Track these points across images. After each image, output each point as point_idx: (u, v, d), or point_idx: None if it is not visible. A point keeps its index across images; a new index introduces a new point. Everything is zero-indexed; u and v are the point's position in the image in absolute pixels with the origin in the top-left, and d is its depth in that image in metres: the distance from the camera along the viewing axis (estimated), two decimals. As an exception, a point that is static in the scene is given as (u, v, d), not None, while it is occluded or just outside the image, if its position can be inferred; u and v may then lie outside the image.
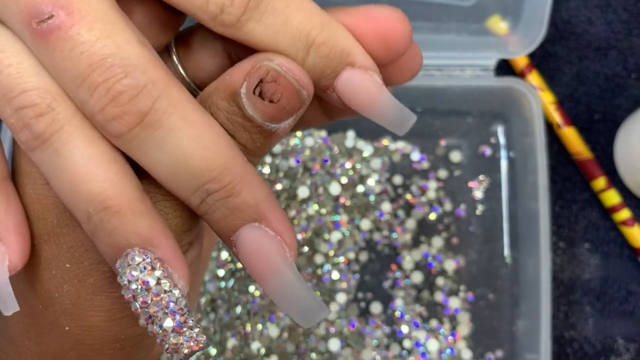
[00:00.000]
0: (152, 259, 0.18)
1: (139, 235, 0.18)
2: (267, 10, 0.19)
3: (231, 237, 0.19)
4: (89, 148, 0.18)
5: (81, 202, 0.18)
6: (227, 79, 0.19)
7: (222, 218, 0.19)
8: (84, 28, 0.17)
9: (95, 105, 0.17)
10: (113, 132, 0.18)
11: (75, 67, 0.17)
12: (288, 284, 0.19)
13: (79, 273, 0.20)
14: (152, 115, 0.18)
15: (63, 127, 0.18)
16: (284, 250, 0.19)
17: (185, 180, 0.18)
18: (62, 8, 0.17)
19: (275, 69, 0.18)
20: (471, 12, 0.45)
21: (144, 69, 0.17)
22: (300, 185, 0.47)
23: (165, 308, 0.18)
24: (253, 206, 0.19)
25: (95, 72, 0.17)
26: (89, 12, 0.17)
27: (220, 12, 0.18)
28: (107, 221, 0.18)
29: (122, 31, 0.18)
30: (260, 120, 0.19)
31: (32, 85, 0.18)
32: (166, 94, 0.18)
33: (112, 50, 0.17)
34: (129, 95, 0.17)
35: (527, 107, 0.44)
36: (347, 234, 0.47)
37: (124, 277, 0.18)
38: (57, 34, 0.17)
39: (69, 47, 0.17)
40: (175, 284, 0.18)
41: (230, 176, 0.18)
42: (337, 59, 0.20)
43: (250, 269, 0.19)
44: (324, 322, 0.45)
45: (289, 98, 0.19)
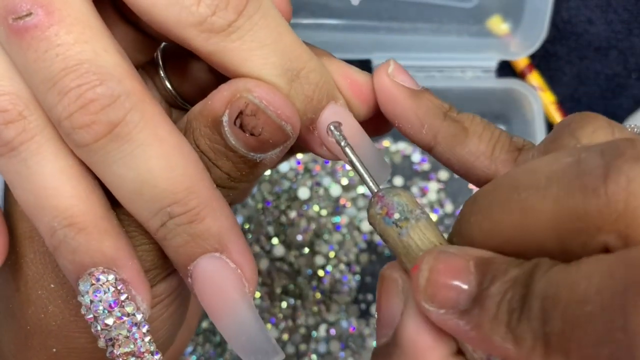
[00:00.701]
0: (116, 279, 0.17)
1: (103, 255, 0.17)
2: (261, 23, 0.18)
3: (188, 267, 0.18)
4: (59, 161, 0.17)
5: (46, 216, 0.17)
6: (209, 104, 0.18)
7: (182, 245, 0.18)
8: (63, 30, 0.16)
9: (63, 110, 0.16)
10: (78, 141, 0.17)
11: (47, 69, 0.16)
12: (244, 323, 0.18)
13: (63, 294, 0.20)
14: (122, 127, 0.17)
15: (34, 137, 0.17)
16: (244, 285, 0.18)
17: (148, 200, 0.17)
18: (42, 7, 0.16)
19: (254, 102, 0.17)
20: (472, 14, 0.45)
21: (119, 79, 0.17)
22: (300, 186, 0.47)
23: (127, 332, 0.17)
24: (216, 235, 0.18)
25: (68, 76, 0.16)
26: (69, 14, 0.17)
27: (212, 14, 0.17)
28: (71, 238, 0.17)
29: (102, 38, 0.17)
30: (244, 150, 0.18)
31: (4, 90, 0.17)
32: (139, 108, 0.17)
33: (89, 56, 0.16)
34: (101, 104, 0.16)
35: (528, 108, 0.44)
36: (347, 235, 0.47)
37: (86, 297, 0.17)
38: (33, 33, 0.16)
39: (44, 48, 0.16)
40: (138, 307, 0.18)
41: (195, 201, 0.17)
42: (324, 88, 0.19)
43: (204, 303, 0.18)
44: (324, 324, 0.45)
45: (270, 132, 0.18)
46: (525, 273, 0.14)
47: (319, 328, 0.45)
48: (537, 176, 0.15)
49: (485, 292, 0.15)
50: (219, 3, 0.17)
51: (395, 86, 0.20)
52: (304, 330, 0.45)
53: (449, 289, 0.15)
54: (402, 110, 0.20)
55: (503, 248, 0.15)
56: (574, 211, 0.14)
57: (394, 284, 0.18)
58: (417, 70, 0.45)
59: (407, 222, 0.17)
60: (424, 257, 0.16)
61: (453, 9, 0.45)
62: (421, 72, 0.45)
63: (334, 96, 0.20)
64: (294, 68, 0.18)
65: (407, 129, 0.20)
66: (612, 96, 0.48)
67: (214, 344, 0.45)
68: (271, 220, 0.47)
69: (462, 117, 0.20)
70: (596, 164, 0.14)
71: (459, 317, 0.15)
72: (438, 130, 0.19)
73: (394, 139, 0.48)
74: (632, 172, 0.13)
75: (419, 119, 0.20)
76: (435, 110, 0.20)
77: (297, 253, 0.46)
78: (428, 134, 0.20)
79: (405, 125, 0.20)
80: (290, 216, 0.47)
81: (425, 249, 0.17)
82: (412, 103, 0.20)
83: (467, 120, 0.20)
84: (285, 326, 0.45)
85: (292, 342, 0.45)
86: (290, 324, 0.45)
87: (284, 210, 0.47)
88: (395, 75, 0.20)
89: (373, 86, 0.20)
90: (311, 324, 0.45)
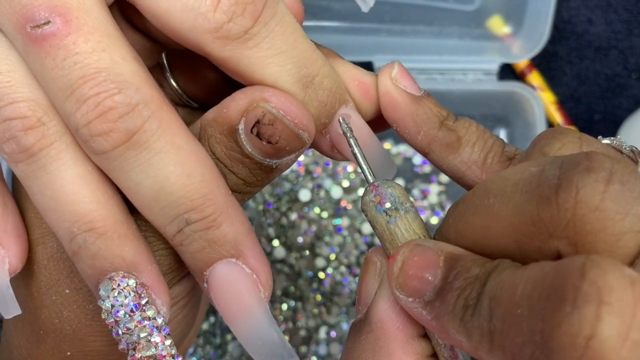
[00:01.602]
0: (136, 284, 0.18)
1: (124, 259, 0.17)
2: (276, 30, 0.18)
3: (204, 272, 0.18)
4: (78, 167, 0.18)
5: (65, 221, 0.17)
6: (225, 113, 0.18)
7: (199, 250, 0.18)
8: (81, 38, 0.16)
9: (81, 118, 0.17)
10: (96, 148, 0.17)
11: (65, 77, 0.17)
12: (260, 327, 0.18)
13: (79, 299, 0.20)
14: (140, 135, 0.17)
15: (53, 144, 0.17)
16: (259, 290, 0.18)
17: (165, 206, 0.17)
18: (60, 15, 0.16)
19: (271, 112, 0.18)
20: (473, 17, 0.45)
21: (137, 87, 0.17)
22: (301, 188, 0.47)
23: (148, 336, 0.17)
24: (232, 241, 0.18)
25: (86, 84, 0.16)
26: (87, 23, 0.17)
27: (228, 21, 0.17)
28: (91, 243, 0.17)
29: (119, 46, 0.17)
30: (260, 157, 0.18)
31: (23, 97, 0.17)
32: (157, 116, 0.17)
33: (107, 64, 0.17)
34: (119, 113, 0.17)
35: (529, 111, 0.44)
36: (348, 237, 0.47)
37: (107, 302, 0.17)
38: (51, 41, 0.16)
39: (62, 56, 0.16)
40: (158, 310, 0.18)
41: (212, 207, 0.18)
42: (337, 93, 0.19)
43: (221, 308, 0.18)
44: (325, 326, 0.45)
45: (287, 140, 0.18)
46: (484, 272, 0.15)
47: (319, 330, 0.45)
48: (505, 183, 0.16)
49: (447, 286, 0.16)
50: (236, 9, 0.17)
51: (396, 91, 0.20)
52: (304, 333, 0.45)
53: (417, 280, 0.16)
54: (401, 115, 0.20)
55: (473, 248, 0.17)
56: (530, 217, 0.15)
57: (373, 266, 0.19)
58: (418, 72, 0.45)
59: (397, 212, 0.19)
60: (400, 249, 0.17)
61: (455, 12, 0.45)
62: (423, 74, 0.45)
63: (344, 100, 0.20)
64: (309, 74, 0.18)
65: (404, 133, 0.20)
66: (612, 96, 0.48)
67: (214, 346, 0.45)
68: (272, 222, 0.47)
69: (458, 125, 0.20)
70: (553, 175, 0.15)
71: (423, 307, 0.16)
72: (433, 138, 0.20)
73: (395, 141, 0.48)
74: (581, 182, 0.14)
75: (416, 125, 0.20)
76: (432, 118, 0.20)
77: (298, 255, 0.46)
78: (423, 140, 0.20)
79: (403, 130, 0.20)
80: (291, 218, 0.47)
81: (409, 239, 0.18)
82: (411, 109, 0.20)
83: (462, 129, 0.20)
84: (286, 328, 0.45)
85: (292, 344, 0.45)
86: (291, 326, 0.45)
87: (285, 212, 0.47)
88: (399, 79, 0.20)
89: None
90: (312, 326, 0.45)
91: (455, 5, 0.45)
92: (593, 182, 0.14)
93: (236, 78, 0.19)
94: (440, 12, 0.45)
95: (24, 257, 0.19)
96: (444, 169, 0.20)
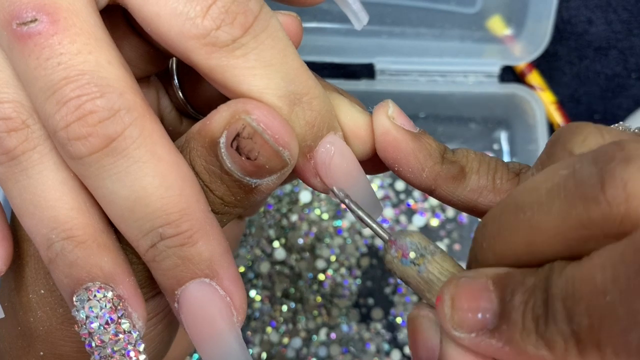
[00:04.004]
0: (113, 295, 0.17)
1: (101, 270, 0.17)
2: (267, 42, 0.17)
3: (176, 291, 0.17)
4: (61, 172, 0.17)
5: (43, 227, 0.17)
6: (208, 125, 0.18)
7: (171, 268, 0.17)
8: (67, 39, 0.16)
9: (60, 120, 0.16)
10: (73, 152, 0.16)
11: (48, 77, 0.16)
12: (229, 353, 0.17)
13: (51, 301, 0.19)
14: (120, 142, 0.16)
15: (36, 147, 0.17)
16: (232, 314, 0.17)
17: (139, 218, 0.17)
18: (48, 14, 0.16)
19: (251, 124, 0.17)
20: (475, 20, 0.45)
21: (121, 93, 0.16)
22: (302, 190, 0.47)
23: (122, 350, 0.17)
24: (207, 260, 0.17)
25: (68, 85, 0.16)
26: (75, 24, 0.16)
27: (216, 28, 0.17)
28: (69, 251, 0.17)
29: (106, 50, 0.16)
30: (239, 174, 0.17)
31: (8, 97, 0.17)
32: (139, 124, 0.16)
33: (92, 67, 0.16)
34: (100, 117, 0.16)
35: (530, 113, 0.44)
36: (348, 239, 0.47)
37: (81, 312, 0.17)
38: (37, 40, 0.16)
39: (46, 56, 0.16)
40: (134, 324, 0.17)
41: (189, 223, 0.17)
42: (326, 117, 0.18)
43: (190, 330, 0.17)
44: (325, 327, 0.45)
45: (267, 157, 0.17)
46: (542, 279, 0.15)
47: (319, 332, 0.45)
48: (538, 193, 0.15)
49: (508, 306, 0.15)
50: (226, 18, 0.17)
51: (396, 129, 0.19)
52: (304, 334, 0.45)
53: (474, 312, 0.15)
54: (404, 154, 0.19)
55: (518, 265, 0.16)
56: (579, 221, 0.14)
57: (426, 320, 0.18)
58: (419, 74, 0.45)
59: (424, 259, 0.18)
60: (444, 287, 0.16)
61: (456, 14, 0.45)
62: (424, 76, 0.45)
63: (334, 127, 0.19)
64: (297, 92, 0.18)
65: (407, 172, 0.20)
66: (612, 96, 0.48)
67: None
68: (272, 223, 0.47)
69: (458, 156, 0.20)
70: (591, 173, 0.14)
71: (490, 337, 0.15)
72: (437, 174, 0.19)
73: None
74: (625, 174, 0.14)
75: (420, 163, 0.19)
76: (434, 153, 0.20)
77: (298, 257, 0.46)
78: (428, 178, 0.20)
79: (406, 169, 0.20)
80: (292, 220, 0.47)
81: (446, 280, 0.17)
82: (413, 147, 0.19)
83: (463, 159, 0.20)
84: (286, 330, 0.45)
85: (292, 345, 0.45)
86: (291, 328, 0.45)
87: (286, 213, 0.47)
88: (396, 118, 0.20)
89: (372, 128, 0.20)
90: (312, 327, 0.45)
91: (456, 7, 0.45)
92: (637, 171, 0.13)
93: (222, 90, 0.18)
94: (442, 14, 0.45)
95: (8, 260, 0.19)
96: (454, 202, 0.20)
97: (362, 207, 0.19)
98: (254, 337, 0.45)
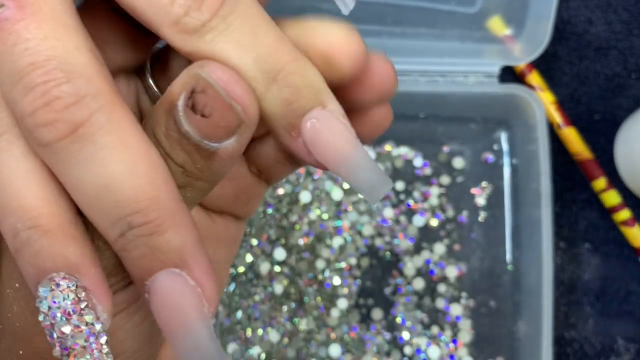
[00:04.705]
0: (77, 286, 0.16)
1: (66, 260, 0.16)
2: (236, 23, 0.17)
3: (146, 281, 0.17)
4: (28, 161, 0.17)
5: (10, 216, 0.17)
6: (167, 93, 0.17)
7: (140, 257, 0.17)
8: (33, 25, 0.16)
9: (27, 106, 0.16)
10: (40, 139, 0.16)
11: (14, 62, 0.16)
12: (200, 345, 0.17)
13: (25, 295, 0.18)
14: (86, 128, 0.16)
15: (2, 135, 0.17)
16: (203, 305, 0.17)
17: (107, 207, 0.16)
18: (14, 0, 0.16)
19: (204, 78, 0.17)
20: (475, 19, 0.45)
21: (88, 79, 0.16)
22: (302, 190, 0.47)
23: (84, 342, 0.16)
24: (177, 249, 0.17)
25: (35, 71, 0.16)
26: (42, 9, 0.16)
27: (184, 15, 0.17)
28: (35, 240, 0.16)
29: (74, 36, 0.16)
30: (196, 136, 0.17)
31: None
32: (107, 110, 0.16)
33: (59, 53, 0.16)
34: (65, 103, 0.16)
35: (530, 114, 0.44)
36: (348, 239, 0.47)
37: (44, 302, 0.16)
38: (3, 25, 0.16)
39: (12, 42, 0.16)
40: (98, 316, 0.17)
41: (157, 212, 0.16)
42: (307, 92, 0.17)
43: (160, 321, 0.17)
44: (325, 327, 0.45)
45: (220, 112, 0.17)
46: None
47: (319, 332, 0.45)
48: None
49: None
50: (192, 3, 0.17)
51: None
52: (304, 334, 0.45)
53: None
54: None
55: None
56: None
57: None
58: (420, 74, 0.45)
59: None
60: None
61: (456, 14, 0.45)
62: (424, 76, 0.45)
63: (319, 101, 0.18)
64: (271, 70, 0.17)
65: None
66: (611, 96, 0.48)
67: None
68: (272, 223, 0.47)
69: None
70: None
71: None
72: None
73: (395, 143, 0.48)
74: None
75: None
76: None
77: (298, 257, 0.46)
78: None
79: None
80: (292, 220, 0.47)
81: None
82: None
83: None
84: (286, 330, 0.45)
85: (292, 346, 0.45)
86: (291, 328, 0.45)
87: (285, 213, 0.47)
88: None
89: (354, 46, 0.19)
90: (311, 327, 0.45)
91: (456, 7, 0.45)
92: None
93: None
94: (442, 14, 0.45)
95: None
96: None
97: (363, 187, 0.18)
98: (254, 337, 0.45)
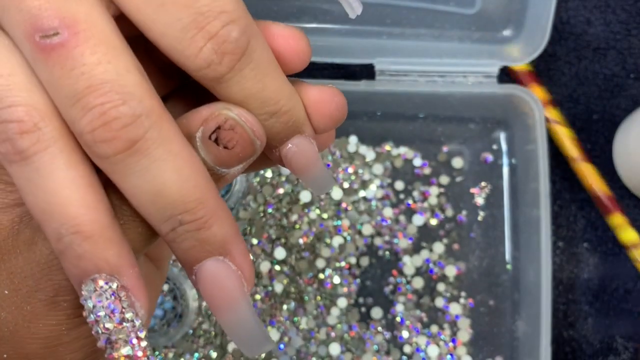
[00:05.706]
0: (117, 287, 0.19)
1: (107, 263, 0.18)
2: (249, 75, 0.20)
3: (194, 267, 0.20)
4: (70, 171, 0.18)
5: (54, 222, 0.18)
6: (184, 122, 0.20)
7: (190, 248, 0.19)
8: (88, 50, 0.17)
9: (86, 125, 0.18)
10: (99, 153, 0.18)
11: (72, 86, 0.17)
12: (242, 318, 0.20)
13: (17, 300, 0.20)
14: (141, 144, 0.18)
15: (48, 148, 0.18)
16: (243, 284, 0.20)
17: (160, 208, 0.19)
18: (68, 27, 0.17)
19: (234, 118, 0.20)
20: (474, 20, 0.45)
21: (140, 99, 0.18)
22: (302, 189, 0.47)
23: (126, 336, 0.19)
24: (220, 241, 0.20)
25: (92, 94, 0.17)
26: (94, 35, 0.18)
27: (207, 67, 0.19)
28: (77, 244, 0.18)
29: (124, 58, 0.18)
30: (211, 164, 0.20)
31: (21, 101, 0.18)
32: (157, 126, 0.18)
33: (112, 76, 0.18)
34: (123, 123, 0.18)
35: (529, 114, 0.44)
36: (348, 238, 0.47)
37: (88, 301, 0.18)
38: (60, 52, 0.17)
39: (70, 66, 0.17)
40: (137, 313, 0.19)
41: (204, 210, 0.19)
42: (292, 127, 0.21)
43: (208, 300, 0.20)
44: (325, 326, 0.45)
45: (243, 146, 0.20)
46: None
47: (319, 331, 0.45)
48: None
49: None
50: (214, 59, 0.19)
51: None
52: (304, 333, 0.45)
53: None
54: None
55: None
56: None
57: None
58: (419, 75, 0.45)
59: None
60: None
61: (455, 16, 0.45)
62: (423, 77, 0.45)
63: (299, 131, 0.22)
64: (271, 110, 0.20)
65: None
66: (610, 96, 0.48)
67: (214, 346, 0.45)
68: (272, 223, 0.47)
69: None
70: None
71: None
72: None
73: (395, 143, 0.48)
74: None
75: None
76: None
77: (298, 256, 0.46)
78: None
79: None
80: (292, 219, 0.47)
81: None
82: None
83: None
84: (286, 329, 0.45)
85: (292, 344, 0.45)
86: (291, 327, 0.45)
87: (285, 213, 0.47)
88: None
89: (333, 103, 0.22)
90: (312, 326, 0.45)
91: (455, 8, 0.45)
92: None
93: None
94: (441, 15, 0.45)
95: None
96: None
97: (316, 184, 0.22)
98: (254, 336, 0.45)
